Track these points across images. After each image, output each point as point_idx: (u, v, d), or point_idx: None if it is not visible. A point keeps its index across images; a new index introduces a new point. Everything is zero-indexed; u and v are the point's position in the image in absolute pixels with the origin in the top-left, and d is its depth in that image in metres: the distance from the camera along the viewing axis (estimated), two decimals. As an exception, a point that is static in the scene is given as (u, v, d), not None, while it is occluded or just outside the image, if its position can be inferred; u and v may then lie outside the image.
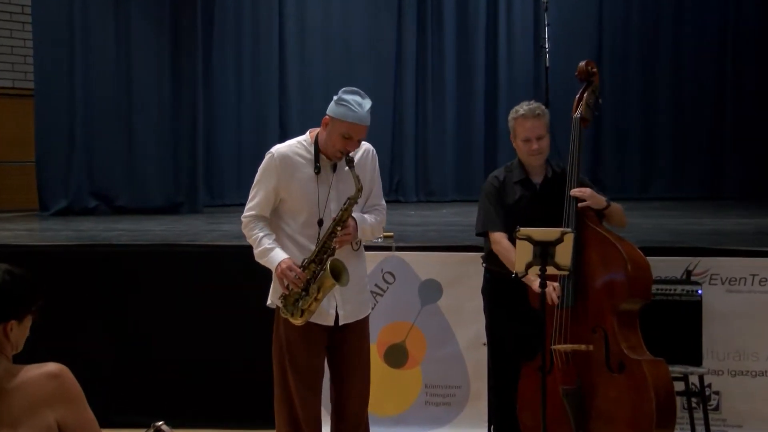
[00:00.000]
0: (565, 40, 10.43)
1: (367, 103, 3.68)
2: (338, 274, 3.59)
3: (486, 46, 11.09)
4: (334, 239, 3.64)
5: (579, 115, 4.24)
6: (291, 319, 3.67)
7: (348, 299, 3.78)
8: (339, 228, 3.65)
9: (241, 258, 5.06)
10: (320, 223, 3.70)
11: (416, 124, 11.02)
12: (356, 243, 3.78)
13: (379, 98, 10.65)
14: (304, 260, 3.66)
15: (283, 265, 3.63)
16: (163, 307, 5.46)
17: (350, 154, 3.67)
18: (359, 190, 3.65)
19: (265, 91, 10.39)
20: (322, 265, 3.63)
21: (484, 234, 4.26)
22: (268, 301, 3.88)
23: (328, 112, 3.70)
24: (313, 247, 3.68)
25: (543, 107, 4.24)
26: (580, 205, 4.06)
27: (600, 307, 3.96)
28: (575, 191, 4.08)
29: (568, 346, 3.98)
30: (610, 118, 10.96)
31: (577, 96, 4.30)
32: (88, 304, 5.46)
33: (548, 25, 8.25)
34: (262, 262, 3.74)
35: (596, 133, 10.79)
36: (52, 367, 2.24)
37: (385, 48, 10.95)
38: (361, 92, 3.70)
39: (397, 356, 5.25)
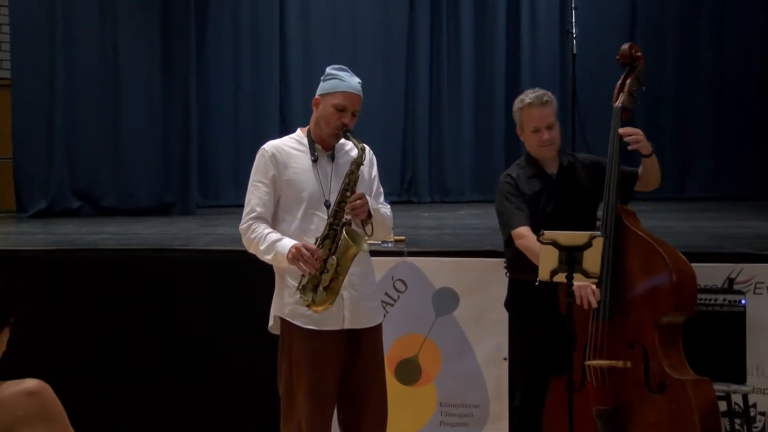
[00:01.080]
0: (594, 24, 10.41)
1: (356, 78, 3.82)
2: (356, 240, 3.60)
3: (507, 31, 11.06)
4: (346, 208, 3.65)
5: (620, 105, 4.23)
6: (314, 307, 3.62)
7: (357, 302, 3.78)
8: (348, 194, 3.66)
9: (239, 264, 5.07)
10: (327, 204, 3.73)
11: (430, 116, 11.00)
12: (370, 227, 3.75)
13: (389, 87, 10.71)
14: (316, 239, 3.66)
15: (296, 246, 3.60)
16: (154, 318, 5.47)
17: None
18: (362, 150, 3.70)
19: (264, 79, 10.39)
20: (337, 238, 3.62)
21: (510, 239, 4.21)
22: (270, 323, 3.88)
23: (317, 92, 3.83)
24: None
25: (550, 94, 4.24)
26: (630, 147, 4.08)
27: (639, 320, 3.94)
28: (624, 131, 4.09)
29: (604, 362, 3.95)
30: (642, 109, 10.89)
31: (619, 83, 4.28)
32: (70, 315, 5.46)
33: (575, 7, 8.23)
34: (270, 258, 3.71)
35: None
36: (30, 383, 2.24)
37: (395, 33, 10.93)
38: (348, 69, 3.84)
39: (408, 372, 5.24)
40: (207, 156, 10.09)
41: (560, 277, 3.71)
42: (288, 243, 3.65)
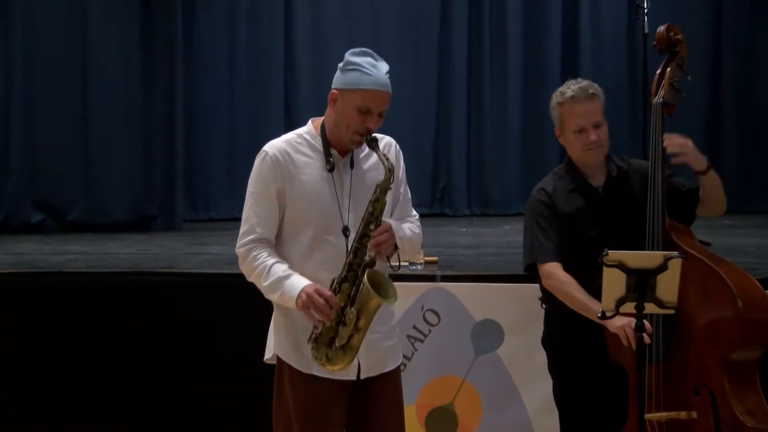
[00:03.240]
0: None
1: (384, 66, 3.69)
2: (381, 288, 3.54)
3: (563, 6, 11.04)
4: (368, 243, 3.59)
5: (661, 100, 4.24)
6: (329, 366, 3.59)
7: (373, 346, 3.75)
8: (372, 227, 3.61)
9: (233, 290, 5.09)
10: (345, 231, 3.69)
11: (468, 112, 10.97)
12: (396, 258, 3.69)
13: (419, 78, 10.68)
14: (333, 281, 3.62)
15: (308, 290, 3.55)
16: (131, 354, 5.50)
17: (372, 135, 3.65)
18: (390, 170, 3.61)
19: (266, 66, 10.41)
20: (358, 282, 3.58)
21: (532, 268, 4.23)
22: (267, 355, 3.88)
23: (333, 84, 3.71)
24: (329, 277, 3.64)
25: (596, 85, 4.25)
26: (675, 160, 4.06)
27: (703, 360, 3.93)
28: (669, 141, 4.06)
29: (663, 415, 3.94)
30: (732, 101, 10.87)
31: (657, 73, 4.31)
32: (31, 348, 5.51)
33: (647, -23, 8.23)
34: (275, 298, 3.68)
35: (713, 122, 10.71)
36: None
37: (426, 10, 10.93)
38: (374, 53, 3.71)
39: (442, 423, 5.25)
40: (195, 160, 10.10)
41: (628, 308, 3.70)
42: (298, 283, 3.59)
